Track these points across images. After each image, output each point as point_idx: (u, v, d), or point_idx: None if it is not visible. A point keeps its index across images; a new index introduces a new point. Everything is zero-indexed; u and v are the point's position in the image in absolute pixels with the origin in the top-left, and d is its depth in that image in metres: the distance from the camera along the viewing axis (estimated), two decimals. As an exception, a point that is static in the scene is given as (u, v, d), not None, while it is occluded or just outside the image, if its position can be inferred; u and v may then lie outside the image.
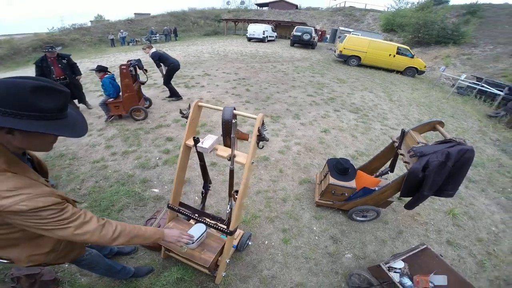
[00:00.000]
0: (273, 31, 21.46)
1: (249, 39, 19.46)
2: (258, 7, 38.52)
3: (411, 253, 2.18)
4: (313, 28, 17.58)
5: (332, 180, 2.77)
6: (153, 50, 5.26)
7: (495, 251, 3.04)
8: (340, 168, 2.84)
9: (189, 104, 1.70)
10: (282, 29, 24.62)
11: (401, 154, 2.56)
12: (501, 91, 8.04)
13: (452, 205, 3.54)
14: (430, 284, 2.16)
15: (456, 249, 2.94)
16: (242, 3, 40.16)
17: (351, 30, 18.92)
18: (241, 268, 2.29)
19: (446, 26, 16.94)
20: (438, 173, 2.15)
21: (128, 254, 2.26)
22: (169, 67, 5.34)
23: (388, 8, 24.00)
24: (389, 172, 3.00)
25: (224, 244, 1.87)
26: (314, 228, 2.85)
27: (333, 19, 27.62)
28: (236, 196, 1.65)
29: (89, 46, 19.01)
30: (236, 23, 26.90)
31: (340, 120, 5.48)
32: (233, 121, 1.51)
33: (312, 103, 6.26)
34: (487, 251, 3.00)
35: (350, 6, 29.84)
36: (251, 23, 21.76)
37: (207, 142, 1.60)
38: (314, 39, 16.86)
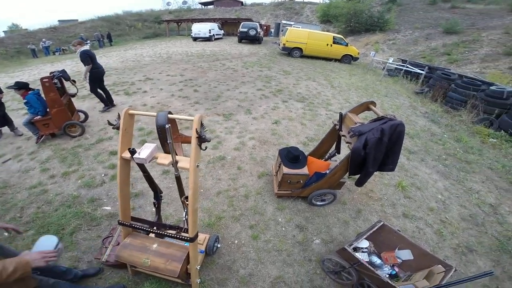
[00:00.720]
0: (220, 29, 21.21)
1: (195, 39, 18.93)
2: (203, 6, 37.60)
3: (371, 231, 2.26)
4: (258, 24, 17.89)
5: (285, 170, 2.83)
6: (85, 48, 4.74)
7: (447, 219, 3.36)
8: (291, 156, 2.91)
9: (118, 114, 1.58)
10: (229, 26, 24.49)
11: (343, 136, 2.72)
12: (423, 70, 9.25)
13: (399, 178, 3.89)
14: (398, 260, 2.28)
15: (413, 221, 3.19)
16: (185, 3, 38.76)
17: (292, 23, 19.65)
18: (216, 271, 2.25)
19: (372, 15, 18.80)
20: (377, 149, 2.32)
21: (95, 275, 2.11)
22: (93, 71, 4.86)
23: (323, 0, 25.73)
24: (336, 154, 3.17)
25: (189, 252, 1.80)
26: (280, 219, 2.88)
27: (275, 13, 28.45)
28: (187, 203, 1.59)
29: (4, 59, 16.37)
30: (179, 23, 25.88)
31: (289, 110, 5.70)
32: (167, 126, 1.44)
33: (262, 97, 6.39)
34: (441, 219, 3.31)
35: (290, 0, 31.02)
36: (195, 22, 21.15)
37: (144, 152, 1.50)
38: (259, 34, 17.17)
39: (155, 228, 1.84)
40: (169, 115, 1.49)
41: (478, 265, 2.81)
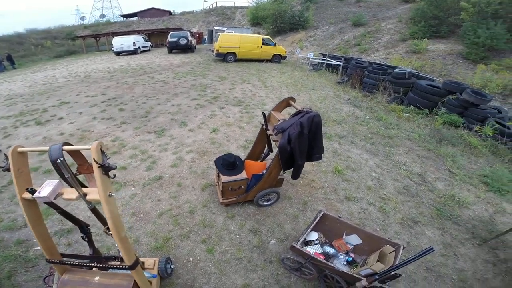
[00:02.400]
0: (147, 41, 19.96)
1: (118, 53, 17.37)
2: (125, 19, 34.90)
3: (315, 223, 2.32)
4: (188, 32, 17.43)
5: (224, 178, 2.76)
6: None
7: (385, 195, 3.64)
8: (227, 164, 2.84)
9: (5, 154, 1.41)
10: (157, 37, 23.22)
11: (270, 134, 2.76)
12: (340, 62, 10.29)
13: (334, 163, 4.13)
14: (349, 246, 2.35)
15: (356, 203, 3.38)
16: (102, 16, 35.39)
17: (224, 28, 19.76)
18: (178, 293, 2.05)
19: (294, 14, 20.25)
20: (300, 142, 2.40)
21: None
22: None
23: (252, 3, 26.51)
24: (269, 153, 3.23)
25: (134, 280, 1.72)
26: (232, 227, 2.81)
27: (208, 20, 28.26)
28: (108, 233, 1.52)
29: None
30: (98, 38, 23.46)
31: (227, 116, 5.63)
32: (58, 160, 1.28)
33: (197, 106, 6.18)
34: (380, 196, 3.57)
35: (222, 6, 31.21)
36: (116, 36, 19.43)
37: (45, 190, 1.35)
38: (191, 42, 16.73)
39: (89, 261, 1.74)
40: (65, 147, 1.35)
41: (427, 236, 3.08)
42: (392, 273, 1.66)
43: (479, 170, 4.54)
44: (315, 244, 2.39)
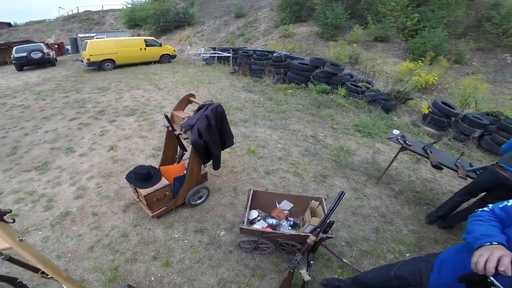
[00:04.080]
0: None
1: None
2: None
3: (250, 201, 2.44)
4: (43, 44, 14.05)
5: (144, 191, 2.57)
6: None
7: (294, 160, 4.09)
8: (141, 176, 2.64)
9: None
10: (-1, 55, 17.60)
11: (179, 134, 2.71)
12: (229, 53, 10.78)
13: (246, 145, 4.40)
14: (285, 212, 2.61)
15: (275, 174, 3.71)
16: None
17: (93, 34, 17.18)
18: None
19: (178, 11, 19.52)
20: (211, 134, 2.49)
21: None
22: None
23: (125, 5, 23.73)
24: (184, 152, 3.17)
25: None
26: (175, 235, 2.68)
27: (68, 28, 23.51)
28: (49, 276, 1.38)
29: None
30: None
31: (122, 129, 5.04)
32: None
33: (81, 126, 5.23)
34: (290, 163, 3.99)
35: (86, 11, 26.55)
36: None
37: None
38: (49, 55, 13.57)
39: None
40: None
41: (337, 185, 3.64)
42: (327, 221, 1.84)
43: (351, 122, 5.82)
44: (258, 220, 2.56)
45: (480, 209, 1.21)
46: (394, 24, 11.66)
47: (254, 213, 2.62)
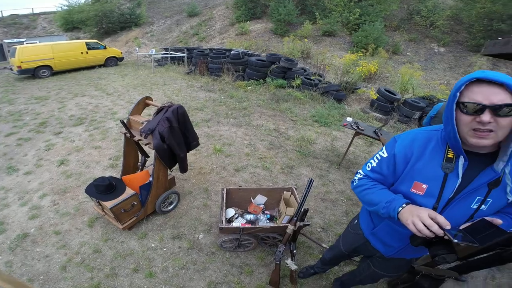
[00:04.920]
0: None
1: None
2: None
3: (225, 200, 2.43)
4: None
5: (109, 204, 2.40)
6: None
7: (261, 155, 4.14)
8: (103, 189, 2.45)
9: None
10: None
11: (139, 140, 2.58)
12: (183, 53, 10.43)
13: (212, 145, 4.36)
14: (260, 206, 2.65)
15: (244, 171, 3.72)
16: None
17: (23, 39, 15.29)
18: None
19: (123, 12, 18.13)
20: (174, 136, 2.40)
21: None
22: None
23: (61, 7, 21.22)
24: (146, 159, 3.03)
25: None
26: (153, 245, 2.56)
27: (-10, 34, 20.22)
28: None
29: None
30: None
31: (71, 141, 4.58)
32: None
33: (21, 142, 4.61)
34: (258, 157, 4.06)
35: (12, 14, 23.00)
36: None
37: None
38: (-34, 64, 11.60)
39: None
40: None
41: (304, 174, 3.79)
42: (302, 209, 1.90)
43: (308, 113, 6.14)
44: (236, 218, 2.57)
45: (355, 178, 1.27)
46: (339, 19, 12.49)
47: (231, 211, 2.61)
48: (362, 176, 1.25)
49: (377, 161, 1.18)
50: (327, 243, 2.69)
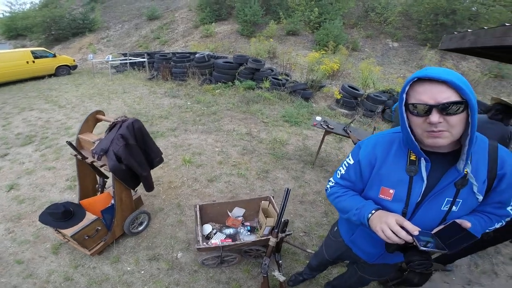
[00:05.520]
0: None
1: None
2: None
3: (199, 217, 2.30)
4: None
5: (69, 231, 2.16)
6: None
7: (235, 161, 4.05)
8: (59, 216, 2.18)
9: None
10: None
11: (93, 162, 2.32)
12: (144, 58, 9.91)
13: (180, 155, 4.13)
14: (239, 218, 2.55)
15: (218, 181, 3.59)
16: None
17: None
18: None
19: (75, 17, 16.78)
20: (132, 155, 2.18)
21: None
22: None
23: (2, 13, 19.15)
24: (105, 180, 2.75)
25: None
26: (128, 268, 2.36)
27: None
28: None
29: None
30: None
31: (20, 163, 4.06)
32: None
33: (-45, 170, 3.98)
34: (232, 165, 3.93)
35: None
36: None
37: None
38: None
39: None
40: None
41: (280, 177, 3.74)
42: (282, 220, 1.87)
43: (278, 114, 6.15)
44: (214, 234, 2.42)
45: (328, 186, 1.27)
46: (302, 18, 12.78)
47: (208, 227, 2.48)
48: (333, 184, 1.23)
49: (345, 168, 1.17)
50: (311, 247, 2.67)
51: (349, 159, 1.15)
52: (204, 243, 2.10)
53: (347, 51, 10.93)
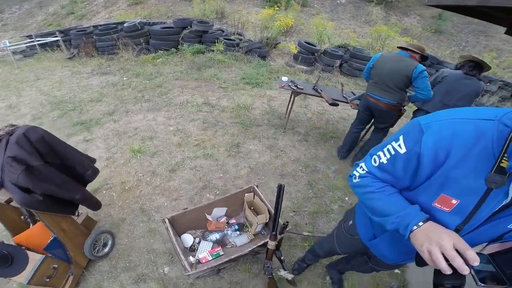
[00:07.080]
0: None
1: None
2: None
3: (173, 230, 1.87)
4: None
5: (22, 279, 1.58)
6: None
7: (196, 139, 3.37)
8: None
9: None
10: None
11: None
12: (56, 36, 7.94)
13: (126, 146, 3.19)
14: (221, 218, 2.16)
15: (183, 168, 2.93)
16: None
17: None
18: None
19: None
20: (43, 179, 1.41)
21: None
22: None
23: None
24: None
25: None
26: None
27: None
28: None
29: None
30: None
31: None
32: None
33: None
34: (194, 145, 3.27)
35: None
36: None
37: None
38: None
39: None
40: None
41: (253, 149, 3.25)
42: (282, 223, 1.67)
43: (237, 76, 5.37)
44: (198, 243, 1.97)
45: (355, 174, 0.93)
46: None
47: (188, 238, 2.00)
48: (365, 172, 0.89)
49: (388, 156, 0.81)
50: (304, 227, 2.34)
51: (399, 145, 0.77)
52: (193, 269, 1.63)
53: (298, 6, 10.34)
